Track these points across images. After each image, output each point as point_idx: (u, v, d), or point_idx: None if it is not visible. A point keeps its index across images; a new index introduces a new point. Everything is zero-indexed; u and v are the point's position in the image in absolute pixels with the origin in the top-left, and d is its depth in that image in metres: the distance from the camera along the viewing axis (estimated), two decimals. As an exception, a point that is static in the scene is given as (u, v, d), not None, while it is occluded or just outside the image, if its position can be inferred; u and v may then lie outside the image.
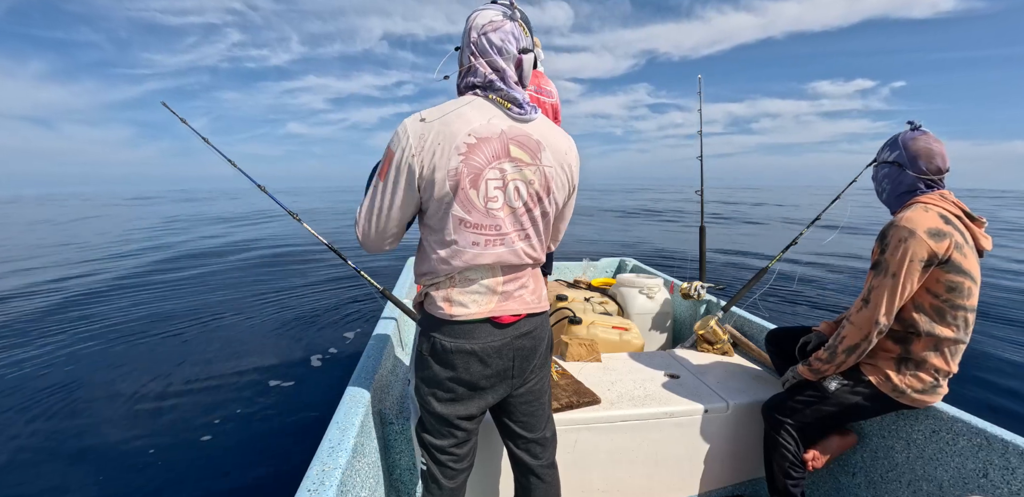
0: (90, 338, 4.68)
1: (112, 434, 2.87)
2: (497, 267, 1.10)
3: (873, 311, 1.38)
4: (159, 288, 6.99)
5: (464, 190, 1.01)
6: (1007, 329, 4.59)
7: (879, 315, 1.37)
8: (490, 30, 1.03)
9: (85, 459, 2.63)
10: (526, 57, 1.07)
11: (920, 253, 1.31)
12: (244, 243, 11.31)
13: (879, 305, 1.37)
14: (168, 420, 3.02)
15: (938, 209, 1.37)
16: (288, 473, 2.41)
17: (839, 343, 1.45)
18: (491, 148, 1.02)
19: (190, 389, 3.46)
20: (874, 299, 1.37)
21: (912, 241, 1.31)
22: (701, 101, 2.69)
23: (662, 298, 2.74)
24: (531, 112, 1.07)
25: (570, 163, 1.13)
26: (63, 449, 2.73)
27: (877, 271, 1.38)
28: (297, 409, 3.09)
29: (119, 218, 21.03)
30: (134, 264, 8.91)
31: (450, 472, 1.22)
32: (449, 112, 1.02)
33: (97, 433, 2.89)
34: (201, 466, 2.52)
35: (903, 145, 1.46)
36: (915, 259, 1.31)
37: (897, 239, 1.33)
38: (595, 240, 9.72)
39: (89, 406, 3.25)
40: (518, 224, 1.08)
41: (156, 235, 13.52)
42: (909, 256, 1.31)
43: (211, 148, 1.99)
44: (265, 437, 2.77)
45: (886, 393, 1.44)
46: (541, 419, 1.28)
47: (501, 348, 1.12)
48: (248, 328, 4.85)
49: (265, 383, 3.49)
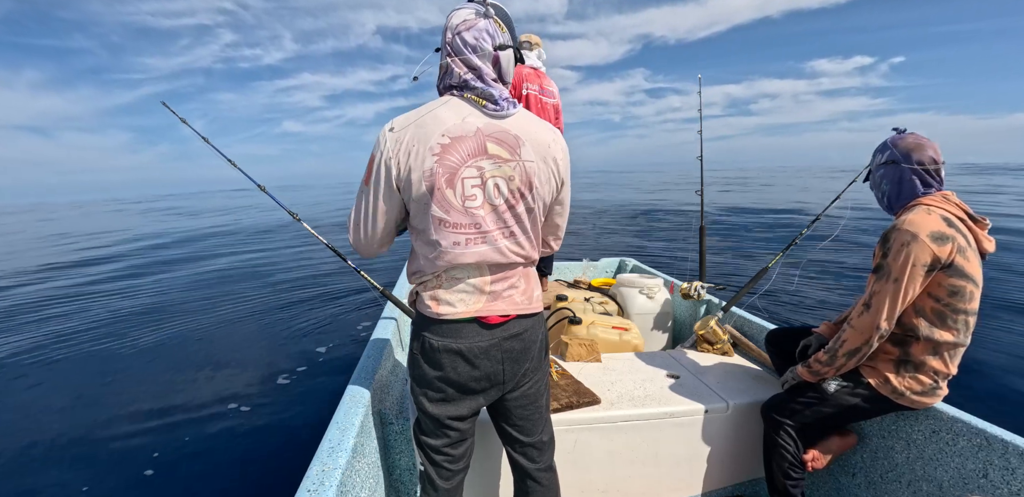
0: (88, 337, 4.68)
1: (112, 434, 2.88)
2: (483, 266, 1.10)
3: (874, 316, 1.36)
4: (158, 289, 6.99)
5: (440, 190, 1.02)
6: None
7: (880, 320, 1.35)
8: (463, 29, 1.03)
9: (86, 458, 2.63)
10: (503, 54, 1.07)
11: (923, 258, 1.29)
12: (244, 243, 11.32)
13: (880, 310, 1.35)
14: (168, 420, 3.02)
15: (941, 211, 1.36)
16: (288, 473, 2.41)
17: (840, 346, 1.44)
18: (466, 147, 1.02)
19: (190, 389, 3.46)
20: (875, 304, 1.36)
21: (915, 245, 1.29)
22: (701, 102, 2.69)
23: (662, 298, 2.74)
24: (508, 108, 1.06)
25: (555, 156, 1.11)
26: (64, 448, 2.74)
27: (879, 275, 1.36)
28: (297, 409, 3.09)
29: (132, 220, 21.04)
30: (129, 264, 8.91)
31: (445, 473, 1.21)
32: (424, 114, 1.03)
33: (97, 433, 2.89)
34: (201, 466, 2.52)
35: (892, 145, 1.47)
36: (918, 264, 1.30)
37: (900, 243, 1.31)
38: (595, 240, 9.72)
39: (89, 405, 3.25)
40: (500, 222, 1.07)
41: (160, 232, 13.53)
42: (912, 261, 1.30)
43: (211, 148, 2.00)
44: (265, 437, 2.77)
45: (885, 395, 1.43)
46: (538, 423, 1.27)
47: (488, 349, 1.11)
48: (248, 328, 4.85)
49: (265, 383, 3.49)
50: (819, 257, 7.15)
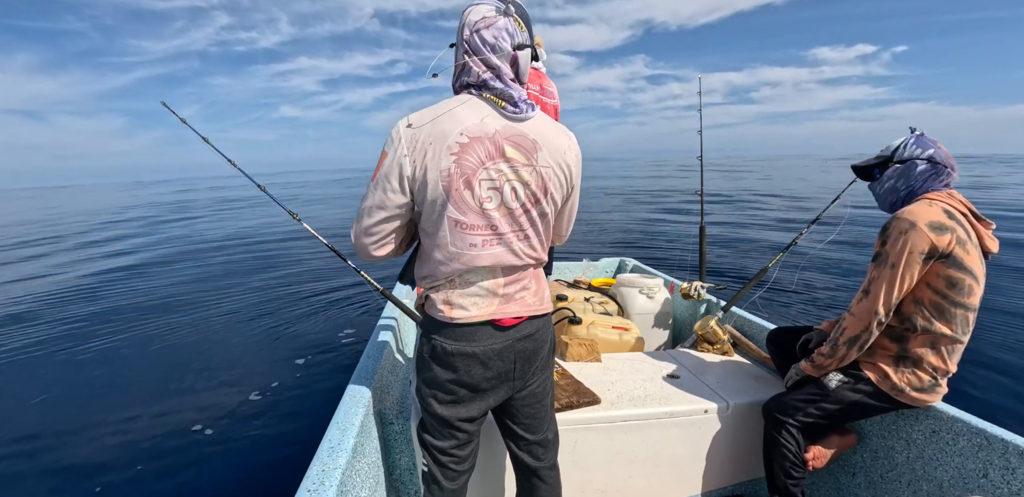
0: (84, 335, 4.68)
1: (112, 434, 2.88)
2: (497, 269, 1.09)
3: (873, 302, 1.39)
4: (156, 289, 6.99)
5: (458, 191, 1.00)
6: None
7: (878, 305, 1.38)
8: (482, 27, 1.00)
9: (86, 458, 2.63)
10: (522, 53, 1.05)
11: (920, 245, 1.31)
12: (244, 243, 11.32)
13: (878, 296, 1.38)
14: (168, 420, 3.02)
15: (943, 204, 1.37)
16: (288, 473, 2.42)
17: (840, 335, 1.46)
18: (484, 148, 1.00)
19: (190, 389, 3.46)
20: (874, 290, 1.39)
21: (912, 233, 1.31)
22: (701, 101, 2.68)
23: (662, 298, 2.74)
24: (527, 110, 1.04)
25: (569, 163, 1.10)
26: (65, 447, 2.74)
27: (877, 262, 1.39)
28: (297, 409, 3.09)
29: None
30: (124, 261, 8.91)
31: (451, 473, 1.22)
32: (442, 113, 1.01)
33: (98, 432, 2.89)
34: (201, 466, 2.52)
35: (937, 146, 1.45)
36: (915, 251, 1.32)
37: (898, 231, 1.34)
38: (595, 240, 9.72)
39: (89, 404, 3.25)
40: (516, 225, 1.07)
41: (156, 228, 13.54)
42: (909, 248, 1.32)
43: (212, 148, 2.00)
44: (265, 437, 2.77)
45: (885, 391, 1.44)
46: (543, 421, 1.28)
47: (502, 351, 1.11)
48: (247, 327, 4.85)
49: (265, 383, 3.49)
50: (820, 256, 7.15)
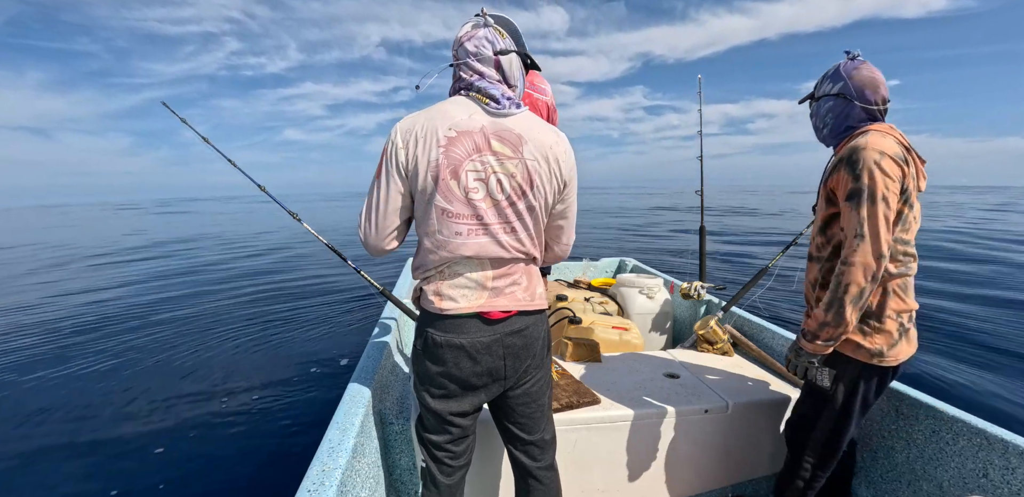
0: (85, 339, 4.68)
1: (111, 434, 2.88)
2: (485, 261, 1.12)
3: (875, 242, 1.21)
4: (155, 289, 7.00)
5: (445, 181, 1.07)
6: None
7: (882, 246, 1.22)
8: (465, 40, 1.12)
9: (87, 458, 2.63)
10: (504, 58, 1.13)
11: (897, 173, 1.22)
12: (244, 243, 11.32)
13: (878, 234, 1.21)
14: (168, 420, 3.02)
15: (893, 137, 1.29)
16: (288, 473, 2.42)
17: (843, 294, 1.24)
18: (471, 141, 1.07)
19: (190, 389, 3.46)
20: (870, 229, 1.22)
21: (885, 162, 1.22)
22: (701, 101, 2.69)
23: (662, 298, 2.74)
24: (509, 106, 1.11)
25: (557, 157, 1.13)
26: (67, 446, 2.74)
27: (859, 200, 1.23)
28: (297, 409, 3.10)
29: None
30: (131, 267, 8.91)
31: (447, 469, 1.24)
32: (434, 111, 1.11)
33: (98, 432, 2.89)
34: (201, 466, 2.52)
35: (847, 75, 1.36)
36: (896, 180, 1.22)
37: (872, 161, 1.22)
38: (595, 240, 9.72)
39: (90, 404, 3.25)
40: (502, 216, 1.11)
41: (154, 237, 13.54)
42: (891, 177, 1.22)
43: (213, 149, 2.00)
44: (265, 437, 2.78)
45: (865, 361, 1.34)
46: (539, 421, 1.28)
47: (490, 344, 1.13)
48: (247, 328, 4.86)
49: (265, 383, 3.50)
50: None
